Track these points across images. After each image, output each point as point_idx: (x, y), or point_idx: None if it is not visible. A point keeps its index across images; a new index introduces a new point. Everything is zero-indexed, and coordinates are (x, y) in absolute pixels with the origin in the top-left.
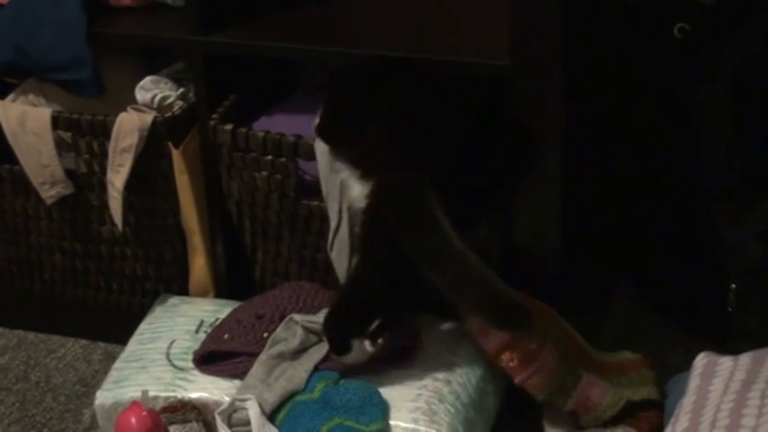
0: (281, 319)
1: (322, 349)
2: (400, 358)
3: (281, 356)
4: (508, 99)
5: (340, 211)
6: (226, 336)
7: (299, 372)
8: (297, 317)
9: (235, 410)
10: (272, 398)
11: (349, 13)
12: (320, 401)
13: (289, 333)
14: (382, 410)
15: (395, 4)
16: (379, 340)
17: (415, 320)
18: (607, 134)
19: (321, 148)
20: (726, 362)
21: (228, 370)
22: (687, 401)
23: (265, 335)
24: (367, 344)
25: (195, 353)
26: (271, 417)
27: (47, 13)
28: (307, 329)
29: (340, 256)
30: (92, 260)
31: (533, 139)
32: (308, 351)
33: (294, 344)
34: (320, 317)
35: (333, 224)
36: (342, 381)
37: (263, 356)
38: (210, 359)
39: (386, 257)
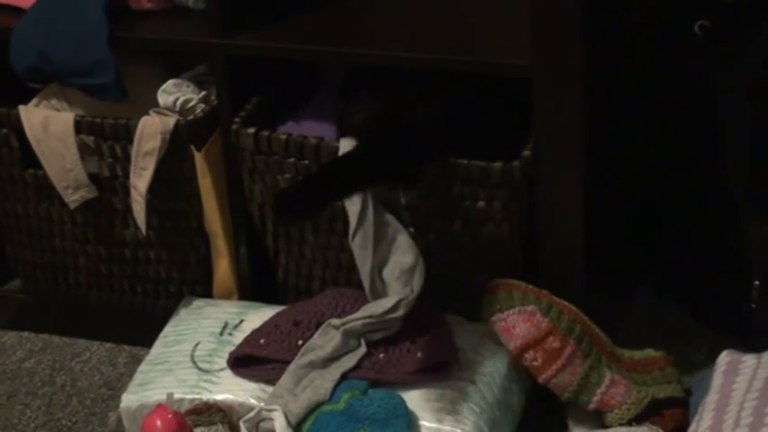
0: (318, 326)
1: (355, 357)
2: (438, 372)
3: (311, 365)
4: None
5: (365, 200)
6: (262, 340)
7: (325, 382)
8: (335, 321)
9: (262, 420)
10: (296, 409)
11: (370, 15)
12: (345, 413)
13: (324, 339)
14: (407, 422)
15: (415, 4)
16: (419, 354)
17: (455, 336)
18: (627, 132)
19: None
20: (749, 360)
21: (261, 375)
22: (710, 400)
23: (300, 342)
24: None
25: (230, 354)
26: (296, 427)
27: (69, 18)
28: (347, 333)
29: (365, 242)
30: (116, 263)
31: None
32: (340, 359)
33: (327, 351)
34: (359, 313)
35: (355, 208)
36: (369, 391)
37: (292, 366)
38: (245, 362)
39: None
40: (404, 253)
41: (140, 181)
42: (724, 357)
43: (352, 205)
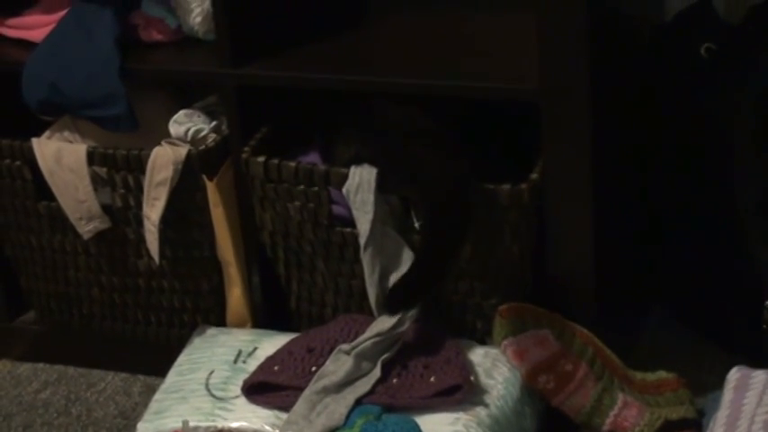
0: (331, 352)
1: (369, 382)
2: (451, 396)
3: (325, 391)
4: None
5: (375, 215)
6: (276, 367)
7: (339, 407)
8: (345, 347)
9: None
10: None
11: (378, 43)
12: None
13: (336, 365)
14: None
15: (423, 32)
16: (432, 378)
17: (467, 360)
18: (636, 155)
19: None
20: (759, 375)
21: (275, 402)
22: (721, 415)
23: (314, 368)
24: None
25: (245, 381)
26: None
27: (80, 51)
28: (359, 356)
29: (375, 252)
30: (129, 294)
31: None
32: (353, 384)
33: (340, 376)
34: (366, 334)
35: (366, 225)
36: (383, 415)
37: (306, 392)
38: (260, 389)
39: None
40: (406, 266)
41: (153, 211)
42: (734, 373)
43: (364, 220)
